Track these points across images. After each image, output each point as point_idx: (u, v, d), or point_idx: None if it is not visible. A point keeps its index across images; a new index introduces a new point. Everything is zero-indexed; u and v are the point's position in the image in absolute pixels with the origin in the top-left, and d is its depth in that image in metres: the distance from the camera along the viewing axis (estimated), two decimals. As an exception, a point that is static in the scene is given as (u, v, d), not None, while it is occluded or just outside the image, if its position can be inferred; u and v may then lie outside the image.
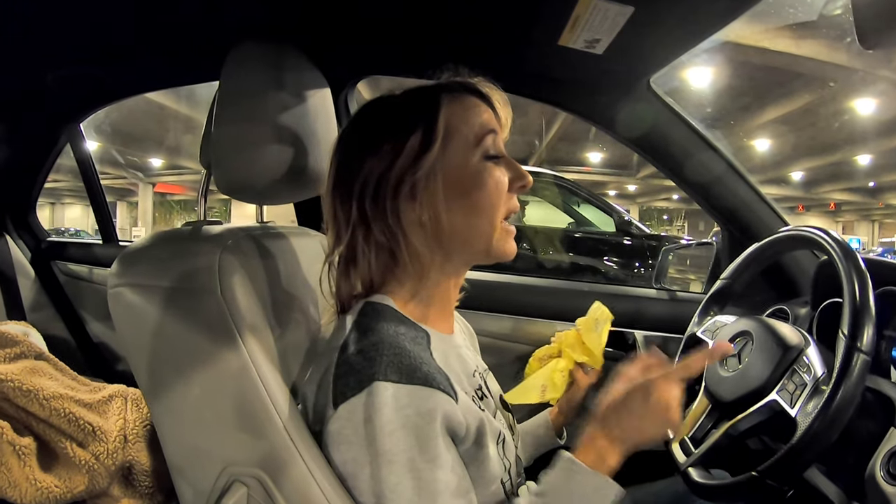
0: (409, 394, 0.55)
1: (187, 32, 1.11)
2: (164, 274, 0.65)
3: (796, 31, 7.33)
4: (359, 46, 1.13)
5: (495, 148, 0.68)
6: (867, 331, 0.71)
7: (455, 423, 0.58)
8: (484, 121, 0.68)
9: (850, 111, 11.03)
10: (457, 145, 0.65)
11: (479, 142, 0.66)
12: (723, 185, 1.26)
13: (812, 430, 0.69)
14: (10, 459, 0.73)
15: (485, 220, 0.66)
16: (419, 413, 0.55)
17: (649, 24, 0.88)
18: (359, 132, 0.69)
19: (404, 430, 0.55)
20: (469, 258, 0.70)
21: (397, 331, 0.61)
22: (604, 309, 1.05)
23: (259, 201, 0.92)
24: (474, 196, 0.66)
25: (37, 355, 0.90)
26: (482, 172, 0.66)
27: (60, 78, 1.37)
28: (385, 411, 0.54)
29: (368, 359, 0.57)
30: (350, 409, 0.56)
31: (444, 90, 0.68)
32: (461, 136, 0.66)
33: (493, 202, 0.66)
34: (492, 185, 0.66)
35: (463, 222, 0.66)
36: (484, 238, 0.67)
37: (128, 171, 16.71)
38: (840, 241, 0.82)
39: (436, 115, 0.65)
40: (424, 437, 0.55)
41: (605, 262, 4.44)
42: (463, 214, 0.66)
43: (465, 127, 0.66)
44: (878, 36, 0.54)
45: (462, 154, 0.66)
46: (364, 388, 0.55)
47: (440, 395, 0.57)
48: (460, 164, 0.65)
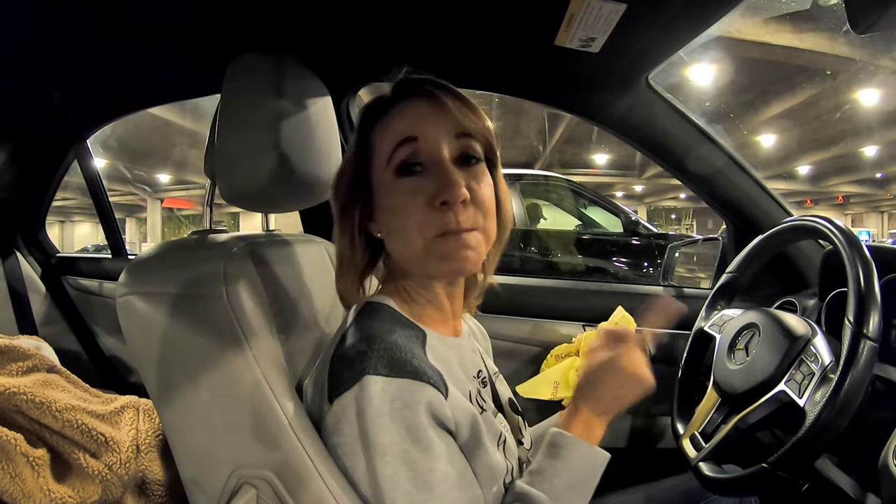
0: (398, 387, 0.56)
1: (189, 46, 1.12)
2: (172, 281, 0.66)
3: (797, 24, 7.31)
4: (358, 54, 1.14)
5: (417, 156, 0.63)
6: (873, 317, 0.70)
7: (442, 417, 0.58)
8: (399, 130, 0.63)
9: (854, 103, 10.97)
10: (376, 163, 0.66)
11: (389, 158, 0.63)
12: (726, 180, 1.26)
13: (821, 419, 0.69)
14: (24, 471, 0.73)
15: (401, 239, 0.64)
16: (408, 405, 0.56)
17: (643, 21, 0.88)
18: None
19: (395, 423, 0.55)
20: (418, 275, 0.68)
21: (391, 328, 0.62)
22: (626, 314, 1.05)
23: (263, 210, 0.93)
24: (389, 215, 0.65)
25: (49, 368, 0.91)
26: (391, 190, 0.64)
27: (66, 95, 1.39)
28: (375, 404, 0.55)
29: (360, 353, 0.58)
30: (343, 402, 0.57)
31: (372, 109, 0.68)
32: (378, 155, 0.65)
33: (404, 222, 0.62)
34: (399, 205, 0.63)
35: (390, 242, 0.67)
36: (410, 257, 0.65)
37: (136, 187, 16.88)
38: (843, 228, 0.82)
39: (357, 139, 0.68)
40: (415, 429, 0.56)
41: (613, 262, 4.44)
42: (387, 233, 0.67)
43: (382, 144, 0.65)
44: (869, 20, 0.54)
45: (379, 173, 0.65)
46: (356, 382, 0.56)
47: (429, 388, 0.57)
48: (378, 183, 0.66)
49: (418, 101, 0.65)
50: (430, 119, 0.63)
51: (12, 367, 0.86)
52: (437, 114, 0.64)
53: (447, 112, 0.64)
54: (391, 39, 1.06)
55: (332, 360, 0.61)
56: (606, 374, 0.69)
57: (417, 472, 0.56)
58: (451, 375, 0.63)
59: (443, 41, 1.05)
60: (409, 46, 1.08)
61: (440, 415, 0.58)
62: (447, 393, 0.60)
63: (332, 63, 1.07)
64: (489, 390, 0.74)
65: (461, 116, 0.64)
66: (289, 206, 0.88)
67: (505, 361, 1.28)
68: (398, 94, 0.66)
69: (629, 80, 1.13)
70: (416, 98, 0.65)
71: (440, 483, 0.57)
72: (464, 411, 0.62)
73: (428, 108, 0.64)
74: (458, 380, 0.65)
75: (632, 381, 0.69)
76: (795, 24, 7.34)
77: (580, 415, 0.68)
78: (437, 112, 0.64)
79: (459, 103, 0.65)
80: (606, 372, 0.69)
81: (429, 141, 0.63)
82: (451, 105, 0.64)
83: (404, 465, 0.55)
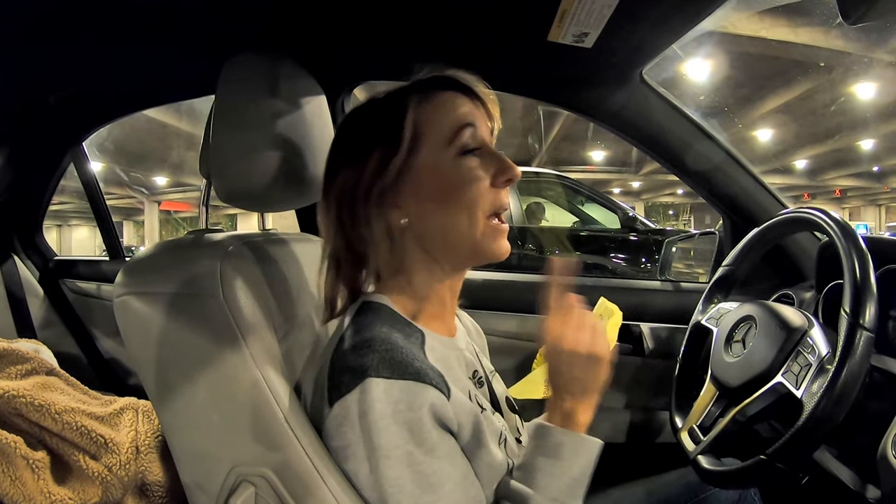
0: (401, 389, 0.56)
1: (184, 47, 1.12)
2: (168, 280, 0.66)
3: (792, 17, 7.32)
4: (352, 53, 1.14)
5: (475, 141, 0.66)
6: (869, 308, 0.71)
7: (445, 418, 0.58)
8: (459, 115, 0.66)
9: (851, 96, 10.98)
10: (428, 146, 0.65)
11: (452, 139, 0.65)
12: (722, 174, 1.26)
13: (818, 410, 0.69)
14: (25, 473, 0.73)
15: (464, 218, 0.64)
16: (411, 407, 0.56)
17: (636, 15, 0.88)
18: (339, 141, 0.71)
19: (398, 425, 0.55)
20: (457, 260, 0.69)
21: (391, 328, 0.62)
22: (609, 305, 1.05)
23: (259, 209, 0.93)
24: (450, 195, 0.64)
25: (48, 371, 0.91)
26: (456, 169, 0.65)
27: (62, 98, 1.39)
28: (378, 407, 0.55)
29: (361, 355, 0.57)
30: (345, 405, 0.56)
31: (413, 91, 0.67)
32: (432, 135, 0.65)
33: (471, 199, 0.64)
34: (468, 181, 0.64)
35: (442, 223, 0.65)
36: (466, 238, 0.65)
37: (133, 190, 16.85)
38: (839, 220, 0.82)
39: (401, 119, 0.65)
40: (418, 431, 0.56)
41: (611, 259, 4.43)
42: (441, 215, 0.65)
43: (436, 125, 0.65)
44: (860, 10, 0.55)
45: (435, 154, 0.65)
46: (357, 385, 0.56)
47: (431, 390, 0.57)
48: (433, 164, 0.65)
49: (463, 94, 0.68)
50: (478, 110, 0.68)
51: (11, 371, 0.86)
52: (481, 106, 0.69)
53: (489, 107, 0.69)
54: (385, 38, 1.07)
55: (331, 361, 0.60)
56: (561, 363, 0.65)
57: (421, 474, 0.56)
58: (451, 375, 0.63)
59: (437, 39, 1.05)
60: (402, 45, 1.08)
61: (443, 416, 0.58)
62: (449, 394, 0.60)
63: (326, 63, 1.07)
64: (486, 390, 0.74)
65: (496, 114, 0.70)
66: (285, 206, 0.88)
67: (500, 357, 1.28)
68: (439, 84, 0.68)
69: (623, 75, 1.14)
70: (460, 91, 0.68)
71: (444, 484, 0.57)
72: (466, 411, 0.62)
73: (474, 100, 0.68)
74: (457, 379, 0.65)
75: (587, 362, 0.65)
76: (790, 17, 7.34)
77: (557, 403, 0.66)
78: (481, 105, 0.69)
79: (492, 102, 0.70)
80: (560, 361, 0.65)
81: (481, 129, 0.67)
82: (489, 101, 0.69)
83: (408, 468, 0.55)
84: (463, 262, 0.69)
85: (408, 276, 0.69)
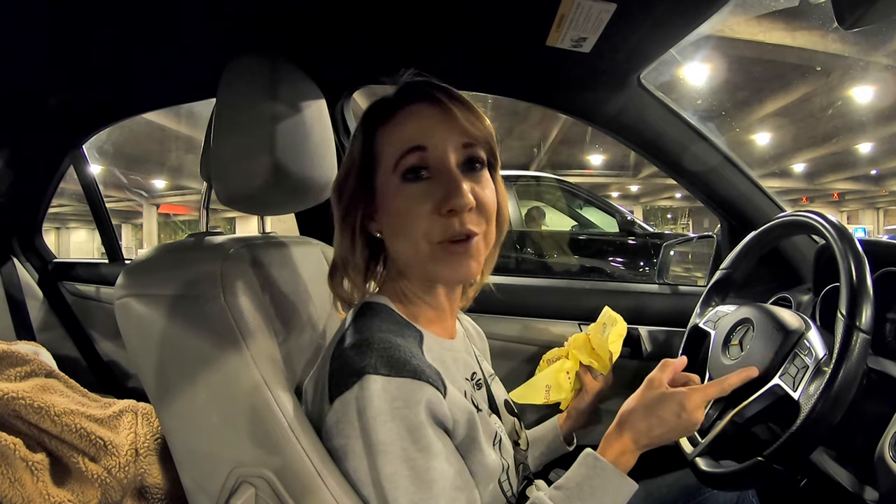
0: (398, 386, 0.57)
1: (184, 50, 1.13)
2: (169, 283, 0.66)
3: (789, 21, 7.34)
4: (351, 57, 1.15)
5: (428, 162, 0.63)
6: (866, 310, 0.71)
7: (441, 416, 0.59)
8: (407, 137, 0.64)
9: (848, 99, 11.00)
10: (383, 168, 0.66)
11: (396, 164, 0.64)
12: (719, 177, 1.27)
13: (815, 412, 0.69)
14: (24, 475, 0.73)
15: (406, 243, 0.64)
16: (408, 405, 0.56)
17: (634, 20, 0.89)
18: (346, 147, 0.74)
19: (395, 422, 0.56)
20: (418, 279, 0.69)
21: (389, 328, 0.63)
22: (612, 314, 1.05)
23: (259, 212, 0.94)
24: (394, 220, 0.65)
25: (47, 373, 0.91)
26: (398, 196, 0.64)
27: (62, 101, 1.39)
28: (376, 403, 0.56)
29: (360, 353, 0.58)
30: (344, 402, 0.57)
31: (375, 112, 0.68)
32: (383, 160, 0.66)
33: (411, 226, 0.63)
34: (405, 209, 0.63)
35: (393, 246, 0.67)
36: (413, 262, 0.66)
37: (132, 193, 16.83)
38: (835, 223, 0.82)
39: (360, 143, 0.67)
40: (414, 428, 0.56)
41: (610, 262, 4.44)
42: (391, 238, 0.67)
43: (388, 149, 0.65)
44: (856, 14, 0.55)
45: (384, 178, 0.66)
46: (356, 382, 0.57)
47: (428, 387, 0.58)
48: (382, 189, 0.66)
49: (425, 106, 0.65)
50: (438, 126, 0.64)
51: (11, 373, 0.86)
52: (444, 121, 0.64)
53: (454, 120, 0.64)
54: (385, 42, 1.07)
55: (331, 360, 0.61)
56: (664, 408, 0.70)
57: (416, 470, 0.56)
58: (447, 375, 0.63)
59: (436, 44, 1.06)
60: (402, 49, 1.08)
61: (439, 413, 0.59)
62: (445, 392, 0.60)
63: (326, 66, 1.08)
64: (484, 392, 0.75)
65: (467, 125, 0.64)
66: (284, 209, 0.89)
67: (501, 361, 1.28)
68: (403, 97, 0.66)
69: (621, 80, 1.14)
70: (422, 103, 0.65)
71: (438, 481, 0.57)
72: (462, 409, 0.62)
73: (435, 114, 0.64)
74: (454, 379, 0.66)
75: (685, 423, 0.69)
76: (788, 21, 7.37)
77: (621, 441, 0.69)
78: (444, 119, 0.64)
79: (465, 110, 0.65)
80: (665, 406, 0.70)
81: (437, 149, 0.63)
82: (457, 113, 0.64)
83: (404, 464, 0.56)
84: (425, 281, 0.70)
85: (403, 280, 0.70)
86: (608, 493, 0.66)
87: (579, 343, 1.03)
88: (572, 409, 1.01)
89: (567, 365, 1.02)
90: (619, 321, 1.04)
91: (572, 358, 1.02)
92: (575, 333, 1.07)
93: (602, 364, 1.00)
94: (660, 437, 0.69)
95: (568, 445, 0.99)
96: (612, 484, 0.66)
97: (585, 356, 1.01)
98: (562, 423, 1.00)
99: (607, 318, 1.04)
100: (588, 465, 0.68)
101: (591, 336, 1.03)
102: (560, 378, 1.01)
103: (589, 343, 1.02)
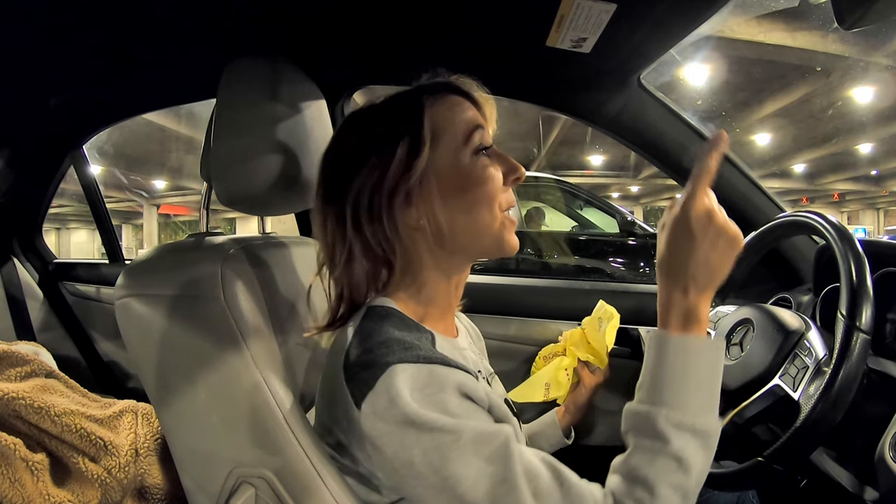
0: (429, 372, 0.55)
1: (184, 50, 1.13)
2: (169, 283, 0.66)
3: (789, 22, 7.34)
4: (351, 58, 1.15)
5: (484, 143, 0.68)
6: (866, 310, 0.71)
7: (477, 397, 0.57)
8: (469, 117, 0.68)
9: (849, 100, 11.00)
10: (446, 146, 0.66)
11: (467, 139, 0.66)
12: (719, 177, 1.25)
13: (815, 412, 0.69)
14: (24, 475, 0.74)
15: (486, 213, 0.66)
16: (442, 388, 0.54)
17: (633, 21, 0.89)
18: (346, 144, 0.69)
19: (431, 406, 0.53)
20: (474, 254, 0.71)
21: (402, 331, 0.61)
22: (608, 308, 1.06)
23: (259, 212, 0.94)
24: (472, 192, 0.66)
25: (47, 373, 0.91)
26: (476, 168, 0.66)
27: (63, 101, 1.39)
28: (406, 391, 0.53)
29: (380, 354, 0.56)
30: (373, 402, 0.54)
31: (425, 92, 0.68)
32: (449, 135, 0.66)
33: (490, 195, 0.66)
34: (486, 179, 0.66)
35: (464, 220, 0.66)
36: (488, 232, 0.67)
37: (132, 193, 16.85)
38: (835, 223, 0.82)
39: (420, 119, 0.65)
40: (451, 408, 0.54)
41: (610, 263, 4.44)
42: (462, 212, 0.66)
43: (452, 126, 0.67)
44: (855, 15, 0.55)
45: (452, 153, 0.66)
46: (380, 377, 0.54)
47: (459, 372, 0.56)
48: (452, 164, 0.66)
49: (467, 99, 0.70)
50: (486, 114, 0.72)
51: (11, 373, 0.86)
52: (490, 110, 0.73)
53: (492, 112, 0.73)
54: (385, 43, 1.07)
55: (345, 368, 0.58)
56: (702, 241, 0.59)
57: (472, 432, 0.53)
58: None
59: (436, 44, 1.06)
60: (402, 50, 1.08)
61: (473, 393, 0.56)
62: (477, 378, 0.59)
63: (326, 67, 1.08)
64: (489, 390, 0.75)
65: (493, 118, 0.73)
66: (285, 209, 0.89)
67: (498, 361, 1.28)
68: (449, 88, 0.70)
69: (621, 80, 1.14)
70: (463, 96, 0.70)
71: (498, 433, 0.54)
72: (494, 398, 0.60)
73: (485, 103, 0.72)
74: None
75: (729, 243, 0.60)
76: (788, 21, 7.37)
77: (674, 305, 0.60)
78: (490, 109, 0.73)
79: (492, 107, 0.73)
80: (692, 237, 0.59)
81: (489, 131, 0.70)
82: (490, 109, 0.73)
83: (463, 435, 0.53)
84: (481, 255, 0.71)
85: (415, 277, 0.69)
86: (693, 361, 0.59)
87: (576, 339, 1.04)
88: (570, 403, 1.02)
89: (565, 362, 1.03)
90: (614, 315, 1.04)
91: (570, 354, 1.03)
92: (570, 329, 1.07)
93: (599, 358, 1.00)
94: (717, 263, 0.59)
95: (567, 439, 1.00)
96: (692, 350, 0.59)
97: (583, 352, 1.01)
98: (560, 417, 1.01)
99: (602, 312, 1.05)
100: (659, 345, 0.60)
101: (586, 331, 1.03)
102: (559, 375, 1.01)
103: (585, 338, 1.03)
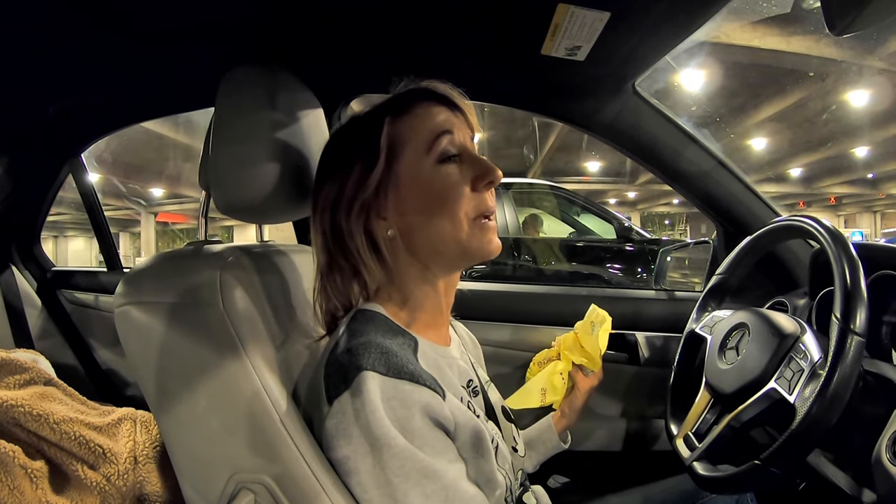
0: (394, 387, 0.57)
1: (182, 59, 1.13)
2: (168, 291, 0.67)
3: (784, 27, 7.39)
4: (349, 66, 1.16)
5: (455, 147, 0.68)
6: (860, 313, 0.71)
7: (442, 418, 0.59)
8: (436, 124, 0.68)
9: (844, 104, 11.05)
10: (406, 157, 0.67)
11: (430, 147, 0.67)
12: (714, 183, 1.28)
13: (811, 414, 0.70)
14: (23, 483, 0.73)
15: (447, 222, 0.66)
16: (404, 405, 0.57)
17: (627, 28, 0.90)
18: (323, 160, 0.73)
19: (391, 420, 0.56)
20: (448, 262, 0.70)
21: (384, 335, 0.63)
22: (600, 311, 1.06)
23: (257, 220, 0.94)
24: (432, 201, 0.67)
25: (46, 381, 0.91)
26: (436, 177, 0.67)
27: (61, 109, 1.40)
28: (374, 399, 0.56)
29: (356, 355, 0.59)
30: (342, 402, 0.57)
31: (387, 107, 0.69)
32: (411, 146, 0.67)
33: (452, 204, 0.66)
34: (447, 187, 0.66)
35: (427, 229, 0.67)
36: (452, 241, 0.67)
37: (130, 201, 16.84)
38: (829, 227, 0.83)
39: (377, 134, 0.67)
40: (410, 429, 0.56)
41: (607, 269, 4.45)
42: (425, 221, 0.67)
43: (414, 135, 0.67)
44: (846, 20, 0.56)
45: (414, 163, 0.67)
46: (353, 381, 0.57)
47: (426, 391, 0.58)
48: (413, 174, 0.67)
49: (439, 103, 0.70)
50: (457, 119, 0.70)
51: (9, 380, 0.86)
52: (460, 115, 0.71)
53: (467, 115, 0.72)
54: (381, 52, 1.08)
55: (326, 364, 0.61)
56: None
57: (421, 462, 0.56)
58: (444, 381, 0.63)
59: (432, 52, 1.07)
60: (398, 58, 1.09)
61: (439, 416, 0.59)
62: (444, 395, 0.60)
63: (323, 75, 1.08)
64: (481, 399, 0.75)
65: (473, 121, 0.72)
66: (283, 217, 0.89)
67: (495, 367, 1.29)
68: (419, 96, 0.70)
69: (616, 87, 1.15)
70: (437, 101, 0.70)
71: (447, 472, 0.58)
72: (463, 415, 0.62)
73: (452, 110, 0.70)
74: (450, 384, 0.66)
75: None
76: (782, 26, 7.41)
77: None
78: (460, 114, 0.71)
79: (470, 109, 0.72)
80: None
81: (460, 136, 0.69)
82: (467, 110, 0.72)
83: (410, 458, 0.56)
84: (454, 264, 0.71)
85: (399, 286, 0.70)
86: None
87: (569, 343, 1.04)
88: (566, 407, 1.02)
89: (560, 366, 1.03)
90: (606, 318, 1.05)
91: (564, 358, 1.03)
92: (563, 333, 1.08)
93: (593, 361, 1.01)
94: None
95: (563, 443, 1.01)
96: None
97: (577, 356, 1.02)
98: (556, 421, 1.01)
99: (594, 315, 1.05)
100: None
101: (579, 335, 1.04)
102: (554, 380, 1.02)
103: (578, 342, 1.03)
